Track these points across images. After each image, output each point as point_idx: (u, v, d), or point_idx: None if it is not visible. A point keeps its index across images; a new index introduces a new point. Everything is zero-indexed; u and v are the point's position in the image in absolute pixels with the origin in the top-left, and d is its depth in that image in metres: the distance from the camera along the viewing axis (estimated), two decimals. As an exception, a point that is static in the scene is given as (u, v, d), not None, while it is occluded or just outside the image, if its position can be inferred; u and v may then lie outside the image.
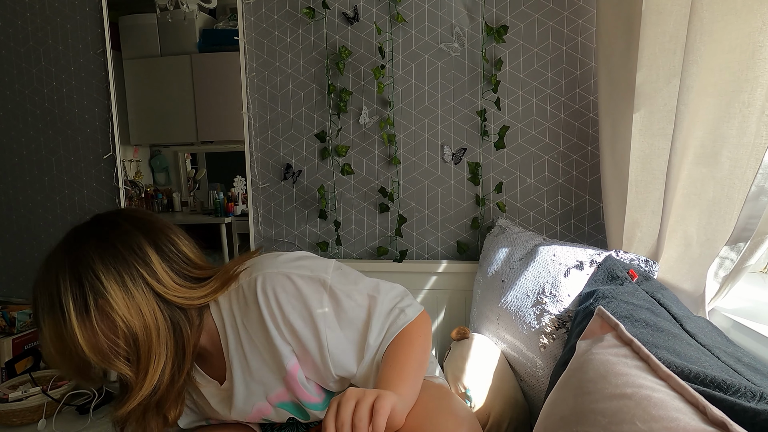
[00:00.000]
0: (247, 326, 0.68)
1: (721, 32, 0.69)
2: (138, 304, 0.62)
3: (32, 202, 1.51)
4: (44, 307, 0.61)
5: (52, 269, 0.62)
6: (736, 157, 0.71)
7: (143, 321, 0.62)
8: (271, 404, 0.73)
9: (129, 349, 0.62)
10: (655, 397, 0.41)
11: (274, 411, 0.74)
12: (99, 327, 0.61)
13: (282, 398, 0.72)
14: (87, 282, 0.60)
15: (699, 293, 0.78)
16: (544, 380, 0.84)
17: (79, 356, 0.62)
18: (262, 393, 0.71)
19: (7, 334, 1.42)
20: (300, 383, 0.69)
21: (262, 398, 0.72)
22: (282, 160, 1.36)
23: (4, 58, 1.47)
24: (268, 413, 0.74)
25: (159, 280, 0.64)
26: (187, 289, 0.66)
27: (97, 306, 0.60)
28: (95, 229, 0.65)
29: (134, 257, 0.63)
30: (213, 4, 1.37)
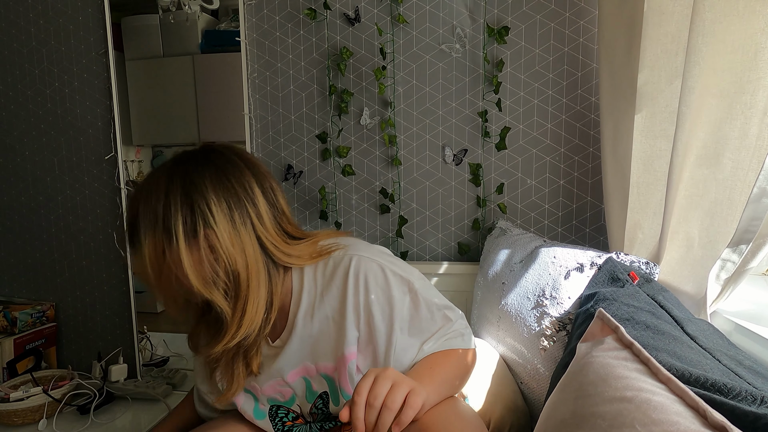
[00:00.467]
0: (325, 299, 0.68)
1: (723, 33, 0.68)
2: (242, 243, 0.62)
3: (34, 202, 1.52)
4: (148, 225, 0.60)
5: (162, 188, 0.61)
6: (738, 159, 0.71)
7: (245, 260, 0.62)
8: (318, 371, 0.72)
9: (229, 284, 0.62)
10: (655, 400, 0.41)
11: (314, 381, 0.72)
12: (204, 254, 0.61)
13: (328, 371, 0.71)
14: (198, 209, 0.60)
15: (700, 295, 0.78)
16: (545, 383, 0.84)
17: (178, 280, 0.61)
18: (311, 359, 0.71)
19: (9, 334, 1.43)
20: (348, 372, 0.68)
21: (311, 362, 0.71)
22: (283, 161, 1.36)
23: (7, 58, 1.47)
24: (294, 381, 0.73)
25: (263, 224, 0.64)
26: (282, 243, 0.66)
27: (206, 235, 0.60)
28: (210, 159, 0.64)
29: (246, 196, 0.63)
30: (215, 5, 1.37)
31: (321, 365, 0.71)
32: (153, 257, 0.61)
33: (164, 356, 1.53)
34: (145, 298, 1.55)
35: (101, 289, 1.50)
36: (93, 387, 1.33)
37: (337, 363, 0.69)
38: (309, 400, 0.74)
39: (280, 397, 0.75)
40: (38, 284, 1.55)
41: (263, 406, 0.76)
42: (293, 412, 0.76)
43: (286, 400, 0.75)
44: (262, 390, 0.75)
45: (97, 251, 1.49)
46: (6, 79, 1.48)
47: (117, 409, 1.33)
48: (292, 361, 0.72)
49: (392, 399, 0.51)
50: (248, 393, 0.76)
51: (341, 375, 0.69)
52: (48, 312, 1.51)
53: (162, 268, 0.61)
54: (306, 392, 0.74)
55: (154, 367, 1.50)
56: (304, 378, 0.73)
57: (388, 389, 0.52)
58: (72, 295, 1.53)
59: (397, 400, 0.52)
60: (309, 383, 0.73)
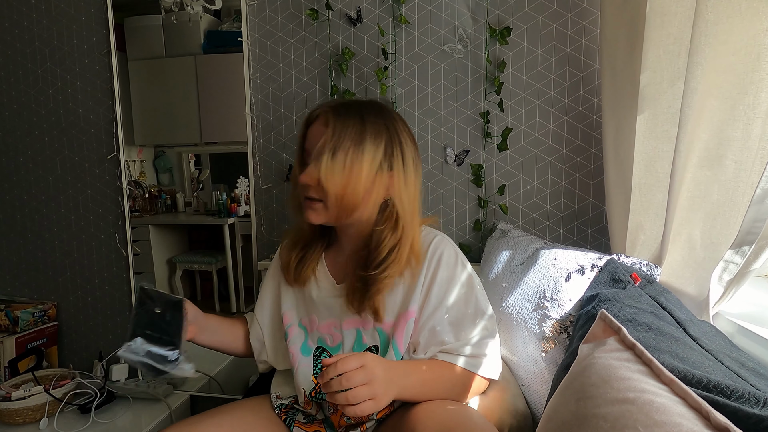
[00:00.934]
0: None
1: (726, 34, 0.68)
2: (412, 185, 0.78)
3: (36, 201, 1.52)
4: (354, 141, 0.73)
5: (380, 122, 0.76)
6: (740, 160, 0.71)
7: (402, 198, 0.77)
8: (374, 326, 0.79)
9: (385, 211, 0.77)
10: (657, 402, 0.41)
11: (366, 334, 0.79)
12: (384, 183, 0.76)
13: (386, 326, 0.78)
14: (396, 150, 0.76)
15: (703, 297, 0.77)
16: (546, 385, 0.83)
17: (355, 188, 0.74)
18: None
19: (11, 333, 1.43)
20: (406, 328, 0.76)
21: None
22: (285, 161, 1.36)
23: (10, 58, 1.48)
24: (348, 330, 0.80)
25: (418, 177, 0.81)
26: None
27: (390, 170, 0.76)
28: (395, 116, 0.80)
29: (417, 153, 0.80)
30: (217, 6, 1.37)
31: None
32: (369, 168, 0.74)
33: (165, 356, 1.53)
34: (147, 297, 1.56)
35: (103, 288, 1.51)
36: (94, 386, 1.33)
37: (398, 319, 0.77)
38: (356, 351, 0.80)
39: (329, 340, 0.82)
40: (40, 283, 1.55)
41: (311, 344, 0.82)
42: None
43: (332, 345, 0.81)
44: (319, 325, 0.82)
45: (98, 251, 1.49)
46: (9, 79, 1.49)
47: (118, 408, 1.33)
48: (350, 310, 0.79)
49: (348, 381, 0.60)
50: (302, 328, 0.83)
51: (398, 330, 0.77)
52: (49, 311, 1.52)
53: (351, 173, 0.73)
54: (355, 344, 0.80)
55: (155, 367, 1.50)
56: (358, 330, 0.80)
57: (355, 369, 0.61)
58: (73, 295, 1.53)
59: (352, 380, 0.60)
60: (360, 336, 0.79)
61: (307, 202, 0.77)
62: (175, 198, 1.60)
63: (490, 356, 0.78)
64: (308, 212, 0.77)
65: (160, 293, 0.75)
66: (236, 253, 1.55)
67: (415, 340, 0.78)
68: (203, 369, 1.48)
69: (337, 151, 0.73)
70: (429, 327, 0.76)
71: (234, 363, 1.51)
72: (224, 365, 1.50)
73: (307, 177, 0.74)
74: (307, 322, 0.84)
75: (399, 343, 0.77)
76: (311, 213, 0.77)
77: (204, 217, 1.58)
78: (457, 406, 0.73)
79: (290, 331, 0.84)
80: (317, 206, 0.76)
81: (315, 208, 0.77)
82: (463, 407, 0.74)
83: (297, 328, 0.85)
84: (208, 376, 1.46)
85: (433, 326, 0.76)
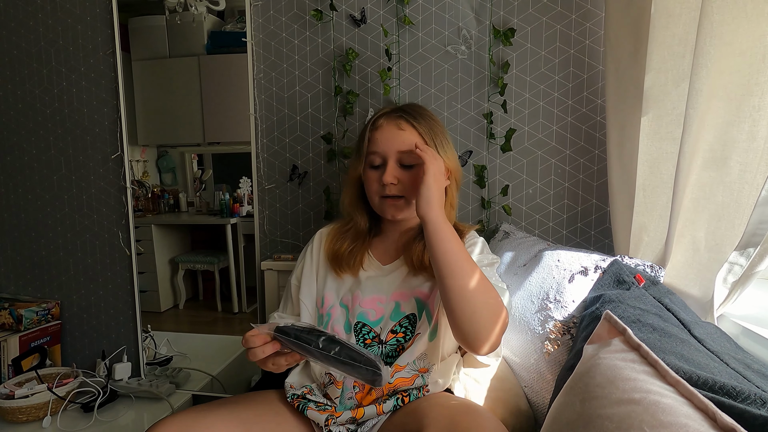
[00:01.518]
0: None
1: (732, 35, 0.68)
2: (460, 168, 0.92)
3: (41, 200, 1.53)
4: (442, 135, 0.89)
5: (434, 122, 0.89)
6: (745, 162, 0.71)
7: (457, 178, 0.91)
8: (412, 296, 0.87)
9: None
10: (663, 402, 0.41)
11: (404, 304, 0.86)
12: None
13: (423, 295, 0.86)
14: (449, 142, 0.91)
15: (707, 299, 0.77)
16: (549, 387, 0.83)
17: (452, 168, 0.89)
18: (409, 287, 0.87)
19: (14, 332, 1.43)
20: (437, 296, 0.83)
21: (409, 289, 0.87)
22: (288, 162, 1.36)
23: (16, 58, 1.49)
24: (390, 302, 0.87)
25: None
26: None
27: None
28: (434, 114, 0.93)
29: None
30: (221, 6, 1.38)
31: (417, 290, 0.87)
32: (437, 167, 0.81)
33: (168, 355, 1.54)
34: (149, 297, 1.56)
35: (106, 287, 1.51)
36: (97, 385, 1.34)
37: (433, 289, 0.86)
38: (393, 320, 0.86)
39: (371, 315, 0.87)
40: (44, 282, 1.56)
41: (352, 320, 0.87)
42: (374, 332, 0.87)
43: (373, 320, 0.87)
44: (362, 301, 0.87)
45: (102, 249, 1.50)
46: (14, 78, 1.50)
47: (120, 407, 1.33)
48: (394, 285, 0.88)
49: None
50: (343, 307, 0.89)
51: (432, 298, 0.85)
52: (53, 310, 1.52)
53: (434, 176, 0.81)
54: (392, 312, 0.86)
55: (158, 366, 1.50)
56: (396, 301, 0.87)
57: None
58: (77, 293, 1.53)
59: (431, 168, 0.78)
60: (398, 305, 0.87)
61: (389, 201, 0.86)
62: (178, 198, 1.61)
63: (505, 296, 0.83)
64: (390, 209, 0.87)
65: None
66: (238, 253, 1.56)
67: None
68: (205, 368, 1.48)
69: (444, 145, 0.87)
70: None
71: (236, 363, 1.52)
72: (226, 365, 1.51)
73: (391, 176, 0.84)
74: (348, 299, 0.89)
75: (432, 309, 0.85)
76: (394, 209, 0.87)
77: (206, 217, 1.59)
78: (463, 400, 0.75)
79: (333, 311, 0.89)
80: (399, 202, 0.86)
81: (397, 204, 0.86)
82: (469, 401, 0.76)
83: (339, 307, 0.89)
84: (210, 375, 1.46)
85: None
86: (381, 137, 0.86)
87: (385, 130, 0.86)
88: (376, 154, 0.86)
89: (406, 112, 0.87)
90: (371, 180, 0.88)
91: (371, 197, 0.89)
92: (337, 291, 0.91)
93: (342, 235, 0.94)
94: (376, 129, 0.87)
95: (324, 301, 0.91)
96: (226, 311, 1.62)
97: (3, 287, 1.60)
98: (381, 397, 0.82)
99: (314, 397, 0.84)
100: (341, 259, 0.91)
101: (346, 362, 0.63)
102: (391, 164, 0.85)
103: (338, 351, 0.63)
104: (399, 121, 0.86)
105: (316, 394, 0.85)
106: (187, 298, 1.65)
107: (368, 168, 0.88)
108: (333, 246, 0.93)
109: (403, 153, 0.85)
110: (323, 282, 0.93)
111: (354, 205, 0.93)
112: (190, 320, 1.67)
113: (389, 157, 0.85)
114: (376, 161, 0.87)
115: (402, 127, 0.85)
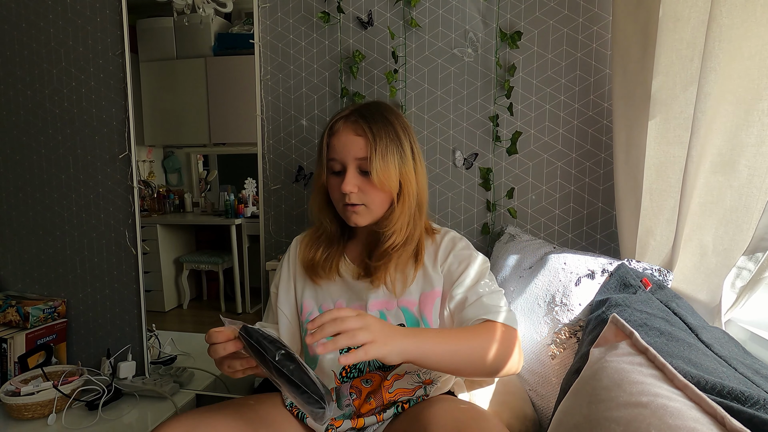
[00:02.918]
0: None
1: (740, 39, 0.68)
2: (420, 176, 0.86)
3: (49, 199, 1.54)
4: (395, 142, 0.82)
5: (396, 119, 0.84)
6: (754, 166, 0.70)
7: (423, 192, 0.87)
8: (398, 305, 0.85)
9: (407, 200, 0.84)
10: (671, 406, 0.41)
11: (390, 314, 0.84)
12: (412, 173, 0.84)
13: (409, 305, 0.84)
14: (412, 139, 0.86)
15: (715, 303, 0.77)
16: (554, 390, 0.83)
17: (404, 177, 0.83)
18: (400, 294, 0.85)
19: (21, 329, 1.45)
20: (434, 305, 0.83)
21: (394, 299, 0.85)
22: (294, 163, 1.37)
23: (26, 58, 1.50)
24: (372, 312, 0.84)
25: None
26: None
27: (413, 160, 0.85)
28: (396, 110, 0.88)
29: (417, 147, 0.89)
30: (229, 8, 1.39)
31: (402, 300, 0.84)
32: (392, 168, 0.80)
33: (172, 354, 1.54)
34: (154, 296, 1.57)
35: (112, 286, 1.52)
36: (101, 383, 1.34)
37: (424, 298, 0.84)
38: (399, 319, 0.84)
39: None
40: (50, 280, 1.57)
41: None
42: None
43: None
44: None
45: (108, 248, 1.51)
46: (25, 79, 1.51)
47: (124, 405, 1.34)
48: (379, 294, 0.85)
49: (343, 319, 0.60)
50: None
51: (426, 308, 0.83)
52: (59, 308, 1.53)
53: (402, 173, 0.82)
54: (392, 315, 0.84)
55: (162, 365, 1.51)
56: (381, 312, 0.84)
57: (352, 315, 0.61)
58: (83, 292, 1.55)
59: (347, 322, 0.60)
60: (384, 317, 0.84)
61: (350, 208, 0.83)
62: (183, 198, 1.62)
63: (510, 311, 0.81)
64: (352, 216, 0.83)
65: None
66: (243, 253, 1.56)
67: (447, 314, 0.84)
68: (209, 368, 1.48)
69: (386, 155, 0.80)
70: (456, 300, 0.82)
71: (240, 363, 1.52)
72: (230, 365, 1.51)
73: (351, 185, 0.80)
74: (328, 306, 0.88)
75: (429, 320, 0.83)
76: (356, 217, 0.83)
77: (211, 217, 1.60)
78: (468, 405, 0.73)
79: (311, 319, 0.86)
80: (360, 209, 0.83)
81: (358, 211, 0.83)
82: (475, 406, 0.75)
83: (317, 312, 0.88)
84: (214, 375, 1.47)
85: (461, 299, 0.81)
86: (338, 143, 0.82)
87: (342, 135, 0.82)
88: (335, 161, 0.83)
89: (362, 115, 0.82)
90: (333, 187, 0.84)
91: (336, 204, 0.87)
92: (316, 298, 0.89)
93: (315, 242, 0.91)
94: (333, 134, 0.83)
95: (303, 309, 0.89)
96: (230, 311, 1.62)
97: (10, 285, 1.61)
98: (380, 407, 0.81)
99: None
100: (317, 266, 0.88)
101: (295, 384, 0.58)
102: (350, 172, 0.81)
103: (291, 370, 0.59)
104: (355, 126, 0.81)
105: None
106: (191, 298, 1.65)
107: (330, 174, 0.85)
108: (308, 254, 0.90)
109: (362, 160, 0.80)
110: (301, 290, 0.90)
111: (322, 210, 0.90)
112: (194, 320, 1.68)
113: (348, 164, 0.81)
114: (336, 167, 0.83)
115: (359, 133, 0.81)
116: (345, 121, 0.83)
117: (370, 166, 0.79)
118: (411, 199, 0.84)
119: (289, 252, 0.96)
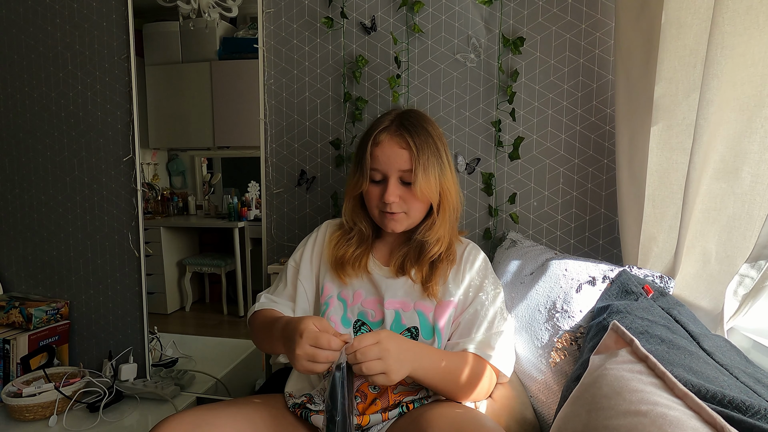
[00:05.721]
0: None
1: (743, 46, 0.68)
2: (455, 185, 0.90)
3: (53, 201, 1.55)
4: (435, 154, 0.85)
5: (434, 129, 0.88)
6: (757, 173, 0.70)
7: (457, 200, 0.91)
8: (414, 308, 0.87)
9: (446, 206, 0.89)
10: (671, 415, 0.40)
11: (405, 316, 0.87)
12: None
13: (425, 309, 0.87)
14: (446, 155, 0.88)
15: (717, 311, 0.76)
16: (555, 396, 0.82)
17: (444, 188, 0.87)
18: (412, 299, 0.88)
19: (24, 330, 1.45)
20: (448, 315, 0.86)
21: (411, 301, 0.88)
22: (296, 167, 1.37)
23: (33, 61, 1.52)
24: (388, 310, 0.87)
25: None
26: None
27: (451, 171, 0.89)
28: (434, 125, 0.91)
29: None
30: (234, 13, 1.40)
31: (420, 304, 0.87)
32: (433, 180, 0.85)
33: (173, 357, 1.54)
34: (157, 298, 1.57)
35: (114, 288, 1.53)
36: (103, 385, 1.35)
37: (441, 305, 0.87)
38: (395, 331, 0.86)
39: (370, 315, 0.88)
40: (54, 282, 1.58)
41: (350, 316, 0.88)
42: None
43: (373, 320, 0.88)
44: (363, 301, 0.89)
45: (111, 251, 1.52)
46: (31, 82, 1.53)
47: (125, 408, 1.34)
48: (397, 293, 0.88)
49: (363, 352, 0.66)
50: (341, 300, 0.90)
51: (441, 316, 0.85)
52: (62, 309, 1.54)
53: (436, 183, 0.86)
54: (393, 323, 0.86)
55: (163, 368, 1.51)
56: (396, 311, 0.87)
57: (372, 344, 0.67)
58: (86, 294, 1.55)
59: (367, 354, 0.66)
60: (399, 317, 0.86)
61: (389, 216, 0.87)
62: (187, 201, 1.63)
63: (507, 352, 0.85)
64: (390, 223, 0.87)
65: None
66: (245, 256, 1.57)
67: (454, 329, 0.87)
68: (210, 371, 1.49)
69: (428, 168, 0.83)
70: (466, 317, 0.86)
71: (241, 366, 1.52)
72: (231, 368, 1.51)
73: (393, 196, 0.84)
74: (348, 295, 0.90)
75: (442, 329, 0.85)
76: (394, 224, 0.87)
77: (214, 220, 1.60)
78: (467, 408, 0.74)
79: (330, 301, 0.90)
80: (399, 217, 0.87)
81: (397, 219, 0.87)
82: (473, 410, 0.76)
83: (336, 300, 0.90)
84: (215, 378, 1.47)
85: (470, 317, 0.86)
86: (382, 155, 0.85)
87: (386, 147, 0.85)
88: (377, 171, 0.86)
89: (405, 127, 0.85)
90: (372, 195, 0.88)
91: (371, 209, 0.90)
92: (337, 284, 0.93)
93: (346, 241, 0.94)
94: (377, 145, 0.86)
95: (323, 290, 0.92)
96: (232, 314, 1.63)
97: (14, 286, 1.62)
98: (387, 407, 0.82)
99: (314, 406, 0.83)
100: (346, 264, 0.91)
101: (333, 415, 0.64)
102: (392, 183, 0.85)
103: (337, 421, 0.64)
104: (399, 140, 0.85)
105: (317, 402, 0.84)
106: (194, 300, 1.66)
107: (369, 182, 0.88)
108: (337, 252, 0.93)
109: (405, 171, 0.84)
110: (324, 273, 0.94)
111: (357, 214, 0.94)
112: (196, 323, 1.68)
113: (390, 175, 0.85)
114: (376, 177, 0.87)
115: (403, 146, 0.84)
116: (388, 133, 0.86)
117: (414, 178, 0.83)
118: (451, 209, 0.89)
119: (318, 233, 0.99)
